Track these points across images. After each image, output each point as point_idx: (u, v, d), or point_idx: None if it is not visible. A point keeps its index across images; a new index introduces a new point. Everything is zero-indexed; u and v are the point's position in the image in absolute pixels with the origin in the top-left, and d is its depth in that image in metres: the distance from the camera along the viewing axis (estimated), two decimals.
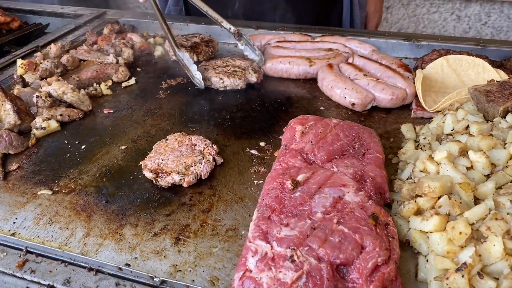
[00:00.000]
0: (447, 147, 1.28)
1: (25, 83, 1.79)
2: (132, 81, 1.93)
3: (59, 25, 2.57)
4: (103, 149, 1.53)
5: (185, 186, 1.34)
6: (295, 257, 1.00)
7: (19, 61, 1.93)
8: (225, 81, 1.85)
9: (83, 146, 1.56)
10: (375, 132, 1.41)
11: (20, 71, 1.89)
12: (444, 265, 1.00)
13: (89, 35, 2.25)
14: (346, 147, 1.30)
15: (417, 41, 2.12)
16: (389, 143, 1.51)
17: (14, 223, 1.25)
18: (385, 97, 1.64)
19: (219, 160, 1.43)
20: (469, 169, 1.22)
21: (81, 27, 2.45)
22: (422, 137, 1.45)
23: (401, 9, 4.99)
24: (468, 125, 1.33)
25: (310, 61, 1.86)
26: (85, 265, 1.12)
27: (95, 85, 1.89)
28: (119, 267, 1.10)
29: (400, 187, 1.26)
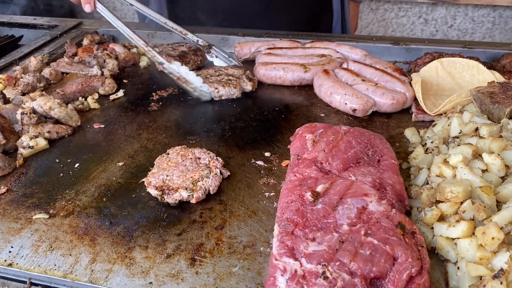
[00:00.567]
0: (459, 150, 1.27)
1: (6, 99, 1.68)
2: (120, 94, 1.84)
3: (32, 37, 2.44)
4: (99, 167, 1.44)
5: (194, 202, 1.27)
6: (327, 274, 0.95)
7: None
8: (220, 90, 1.79)
9: (76, 164, 1.46)
10: (384, 138, 1.38)
11: None
12: (478, 272, 0.97)
13: (68, 46, 2.14)
14: (360, 154, 1.26)
15: (405, 45, 2.13)
16: (395, 148, 1.49)
17: (10, 252, 1.15)
18: (386, 102, 1.62)
19: (226, 173, 1.37)
20: (483, 171, 1.21)
21: (58, 38, 2.33)
22: (429, 141, 1.44)
23: (370, 14, 5.07)
24: (477, 128, 1.33)
25: (304, 67, 1.83)
26: None
27: (81, 99, 1.79)
28: None
29: (417, 193, 1.24)
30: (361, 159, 1.25)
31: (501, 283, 0.92)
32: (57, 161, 1.48)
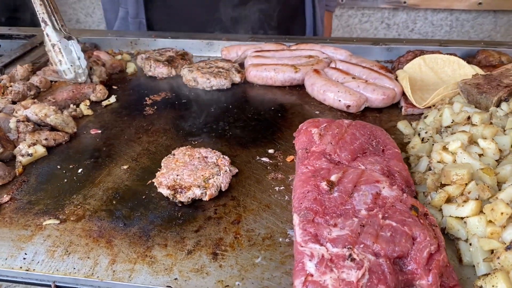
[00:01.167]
0: (455, 137, 1.35)
1: None
2: (112, 99, 1.83)
3: (8, 47, 2.39)
4: (103, 171, 1.43)
5: (206, 199, 1.29)
6: (354, 255, 0.99)
7: None
8: (211, 81, 1.87)
9: (79, 170, 1.44)
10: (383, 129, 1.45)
11: None
12: (491, 246, 1.04)
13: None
14: (365, 145, 1.32)
15: (385, 45, 2.23)
16: None
17: (24, 259, 1.13)
18: (377, 97, 1.69)
19: (234, 170, 1.39)
20: (480, 156, 1.30)
21: (38, 47, 2.29)
22: (423, 131, 1.51)
23: (335, 20, 5.22)
24: (468, 116, 1.41)
25: (294, 67, 1.89)
26: None
27: (73, 106, 1.76)
28: None
29: (421, 179, 1.31)
30: (367, 150, 1.31)
31: None
32: (58, 167, 1.46)
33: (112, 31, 2.50)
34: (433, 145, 1.44)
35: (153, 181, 1.34)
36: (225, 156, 1.42)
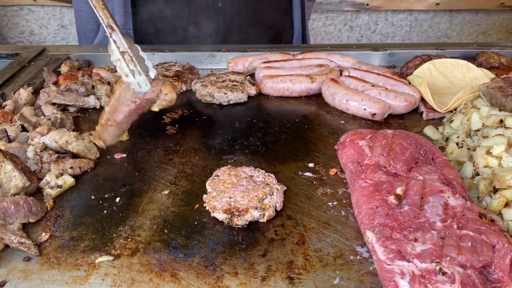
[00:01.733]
0: (494, 141, 1.40)
1: (9, 138, 1.51)
2: None
3: None
4: (143, 198, 1.35)
5: (264, 221, 1.25)
6: (444, 269, 0.99)
7: None
8: (229, 95, 1.84)
9: (116, 198, 1.36)
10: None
11: None
12: None
13: (47, 75, 1.97)
14: (415, 154, 1.33)
15: (384, 50, 2.27)
16: None
17: None
18: (400, 104, 1.72)
19: (282, 188, 1.36)
20: None
21: (27, 67, 2.14)
22: (454, 136, 1.55)
23: None
24: (501, 119, 1.46)
25: (310, 77, 1.88)
26: None
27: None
28: None
29: (469, 184, 1.33)
30: (418, 159, 1.32)
31: None
32: (92, 197, 1.36)
33: (103, 46, 2.37)
34: (468, 149, 1.48)
35: (204, 205, 1.28)
36: (270, 174, 1.39)
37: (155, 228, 1.25)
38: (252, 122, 1.74)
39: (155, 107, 1.52)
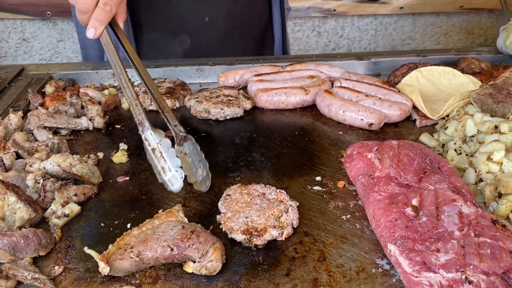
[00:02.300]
0: (491, 147, 1.46)
1: (5, 166, 1.44)
2: (123, 146, 1.68)
3: None
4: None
5: (283, 239, 1.25)
6: (470, 278, 1.03)
7: None
8: (225, 111, 1.83)
9: (128, 224, 1.32)
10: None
11: None
12: None
13: (32, 97, 1.90)
14: (422, 164, 1.37)
15: (369, 59, 2.32)
16: None
17: None
18: (394, 113, 1.76)
19: (295, 203, 1.36)
20: None
21: (7, 88, 2.05)
22: (452, 143, 1.60)
23: None
24: (495, 125, 1.53)
25: (304, 89, 1.90)
26: None
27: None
28: None
29: (474, 190, 1.38)
30: (426, 169, 1.36)
31: None
32: (102, 225, 1.33)
33: (86, 63, 2.32)
34: (466, 155, 1.54)
35: (221, 226, 1.27)
36: (281, 190, 1.39)
37: None
38: (252, 137, 1.74)
39: (190, 268, 1.16)
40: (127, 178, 1.52)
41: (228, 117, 1.83)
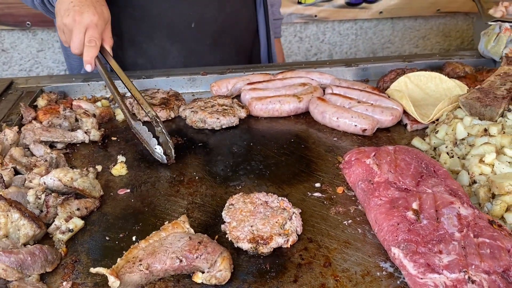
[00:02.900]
0: (482, 149, 1.51)
1: (5, 183, 1.43)
2: (121, 158, 1.68)
3: None
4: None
5: (288, 246, 1.28)
6: (473, 277, 1.07)
7: None
8: (221, 120, 1.85)
9: (133, 237, 1.33)
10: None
11: None
12: None
13: (25, 111, 1.88)
14: (419, 168, 1.41)
15: (356, 65, 2.37)
16: None
17: None
18: (386, 118, 1.81)
19: (298, 210, 1.39)
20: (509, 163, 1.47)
21: None
22: (443, 146, 1.66)
23: None
24: (485, 128, 1.59)
25: (297, 97, 1.93)
26: None
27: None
28: None
29: (468, 192, 1.43)
30: (422, 173, 1.40)
31: None
32: (107, 238, 1.33)
33: (76, 75, 2.30)
34: (458, 158, 1.59)
35: (226, 236, 1.29)
36: (283, 198, 1.42)
37: None
38: (249, 145, 1.76)
39: (199, 278, 1.17)
40: (128, 190, 1.53)
41: (223, 126, 1.85)
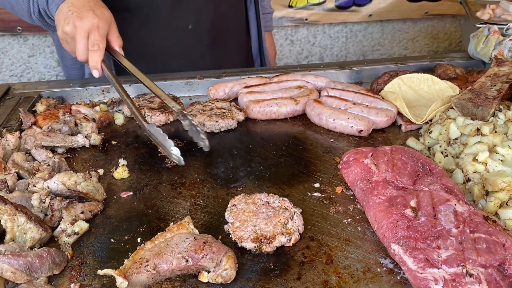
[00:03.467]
0: (476, 148, 1.56)
1: (9, 187, 1.45)
2: (122, 162, 1.70)
3: None
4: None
5: (290, 245, 1.31)
6: (470, 271, 1.11)
7: None
8: (220, 123, 1.88)
9: (138, 239, 1.35)
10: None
11: None
12: None
13: (24, 116, 1.89)
14: (415, 167, 1.46)
15: (350, 68, 2.42)
16: None
17: None
18: (382, 120, 1.86)
19: (299, 210, 1.42)
20: (502, 161, 1.52)
21: None
22: (438, 146, 1.71)
23: None
24: (477, 128, 1.64)
25: (294, 100, 1.97)
26: None
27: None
28: None
29: (463, 190, 1.48)
30: (418, 172, 1.44)
31: None
32: (112, 240, 1.35)
33: (73, 80, 2.31)
34: (452, 157, 1.64)
35: (230, 236, 1.32)
36: (284, 198, 1.45)
37: None
38: (248, 147, 1.80)
39: (204, 278, 1.20)
40: (131, 193, 1.55)
41: (222, 129, 1.88)
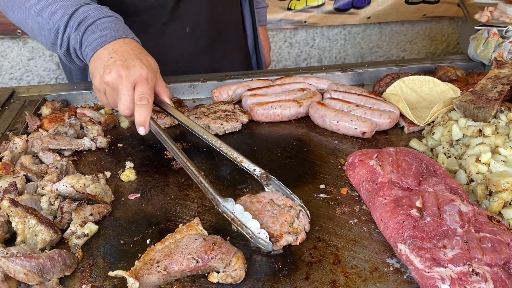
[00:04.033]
0: (477, 149, 1.59)
1: (18, 191, 1.46)
2: (129, 164, 1.72)
3: None
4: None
5: (297, 244, 1.33)
6: (476, 270, 1.13)
7: None
8: (225, 125, 1.90)
9: (147, 240, 1.37)
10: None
11: None
12: None
13: (30, 119, 1.91)
14: (419, 168, 1.48)
15: (351, 70, 2.44)
16: None
17: None
18: (384, 121, 1.88)
19: (305, 208, 1.44)
20: (504, 162, 1.54)
21: (1, 111, 2.05)
22: (440, 147, 1.73)
23: None
24: (479, 129, 1.66)
25: (298, 102, 1.99)
26: None
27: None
28: None
29: (466, 190, 1.50)
30: (423, 173, 1.47)
31: None
32: (121, 242, 1.37)
33: (77, 83, 2.33)
34: (455, 158, 1.66)
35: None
36: (289, 197, 1.47)
37: None
38: (253, 149, 1.81)
39: (214, 278, 1.21)
40: (139, 195, 1.57)
41: (227, 132, 1.90)
